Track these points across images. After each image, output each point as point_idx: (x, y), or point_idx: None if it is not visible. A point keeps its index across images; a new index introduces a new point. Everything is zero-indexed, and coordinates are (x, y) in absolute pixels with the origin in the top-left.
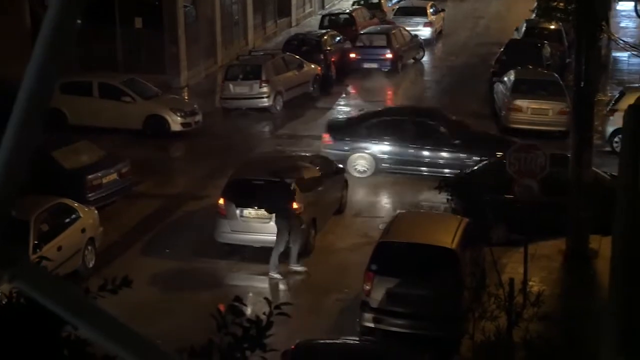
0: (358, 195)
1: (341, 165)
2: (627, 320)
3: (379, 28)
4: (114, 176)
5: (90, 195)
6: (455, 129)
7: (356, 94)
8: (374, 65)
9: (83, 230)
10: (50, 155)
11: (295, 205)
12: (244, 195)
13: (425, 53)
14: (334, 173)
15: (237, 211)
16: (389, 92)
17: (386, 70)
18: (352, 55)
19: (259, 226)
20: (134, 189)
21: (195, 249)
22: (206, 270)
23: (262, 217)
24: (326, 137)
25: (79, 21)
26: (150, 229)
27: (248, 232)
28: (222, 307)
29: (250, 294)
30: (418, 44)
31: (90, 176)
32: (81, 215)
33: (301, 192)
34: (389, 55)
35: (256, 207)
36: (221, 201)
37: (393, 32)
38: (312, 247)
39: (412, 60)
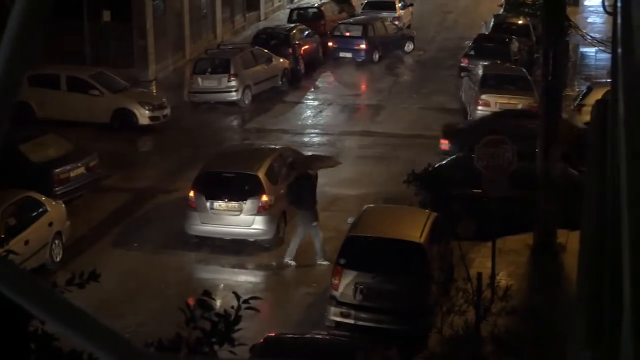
0: (327, 189)
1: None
2: (593, 314)
3: (361, 18)
4: (82, 170)
5: (57, 188)
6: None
7: (328, 86)
8: (348, 55)
9: (50, 224)
10: (17, 148)
11: (265, 198)
12: (214, 188)
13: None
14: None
15: (208, 203)
16: (356, 86)
17: (360, 60)
18: (330, 43)
19: (229, 218)
20: (102, 182)
21: (164, 242)
22: (175, 263)
23: (232, 209)
24: (444, 142)
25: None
26: (118, 222)
27: (218, 225)
28: (191, 301)
29: (221, 286)
30: (406, 36)
31: (57, 170)
32: (48, 209)
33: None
34: (363, 46)
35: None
36: (191, 194)
37: (373, 23)
38: (281, 240)
39: (400, 53)
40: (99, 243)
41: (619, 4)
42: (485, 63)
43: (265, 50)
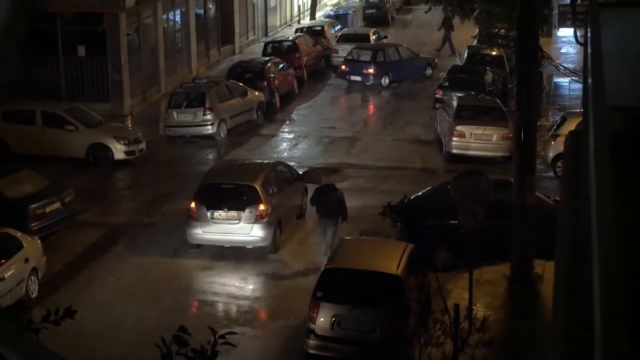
0: (307, 221)
1: (301, 173)
2: (568, 345)
3: (375, 44)
4: (58, 205)
5: (33, 224)
6: None
7: (303, 119)
8: (358, 78)
9: (26, 260)
10: None
11: (262, 207)
12: (214, 198)
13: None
14: (294, 180)
15: (208, 213)
16: (331, 118)
17: (368, 84)
18: (343, 67)
19: (228, 227)
20: (78, 217)
21: (140, 276)
22: (150, 296)
23: (232, 218)
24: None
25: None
26: (94, 257)
27: (218, 233)
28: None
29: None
30: (427, 62)
31: (33, 205)
32: (24, 244)
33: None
34: (371, 70)
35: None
36: (192, 204)
37: (385, 49)
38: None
39: (420, 77)
40: (75, 279)
41: (589, 35)
42: (460, 94)
43: (241, 84)
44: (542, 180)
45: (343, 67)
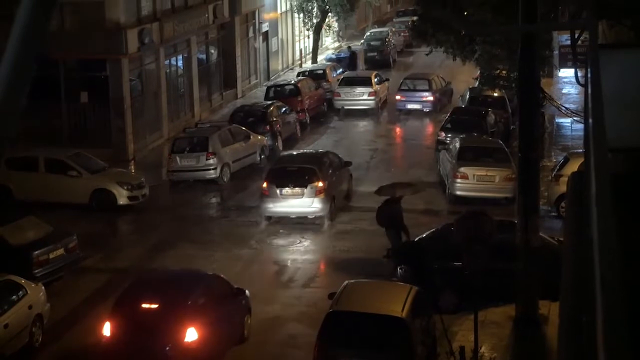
0: (308, 265)
1: (347, 161)
2: None
3: (419, 73)
4: (61, 251)
5: (37, 271)
6: None
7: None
8: (417, 107)
9: (30, 307)
10: None
11: (321, 184)
12: (282, 179)
13: (371, 122)
14: (342, 166)
15: (278, 191)
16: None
17: (427, 110)
18: (398, 97)
19: (294, 201)
20: (82, 263)
21: None
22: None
23: (297, 194)
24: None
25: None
26: (98, 304)
27: (286, 206)
28: None
29: None
30: (450, 90)
31: (36, 252)
32: (28, 291)
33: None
34: (430, 98)
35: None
36: (265, 184)
37: (431, 78)
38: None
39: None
40: (79, 325)
41: (589, 77)
42: (462, 136)
43: (243, 128)
44: (546, 221)
45: (399, 97)
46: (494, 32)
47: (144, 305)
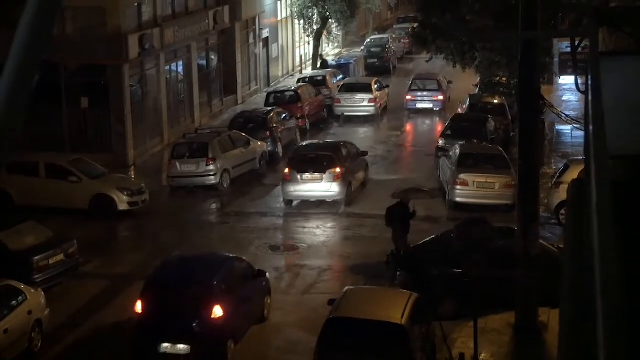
0: (307, 271)
1: (363, 150)
2: None
3: (425, 74)
4: (61, 257)
5: (36, 276)
6: None
7: None
8: (429, 106)
9: (30, 312)
10: None
11: (338, 170)
12: (302, 165)
13: (371, 128)
14: (358, 155)
15: (298, 176)
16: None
17: (437, 109)
18: (408, 97)
19: (313, 185)
20: (81, 269)
21: None
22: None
23: (316, 178)
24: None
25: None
26: (98, 309)
27: (306, 190)
28: None
29: None
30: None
31: (36, 257)
32: (28, 297)
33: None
34: (441, 97)
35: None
36: (286, 170)
37: (438, 78)
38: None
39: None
40: (79, 331)
41: (589, 84)
42: (462, 143)
43: (243, 134)
44: (546, 228)
45: (409, 97)
46: (494, 39)
47: (173, 285)
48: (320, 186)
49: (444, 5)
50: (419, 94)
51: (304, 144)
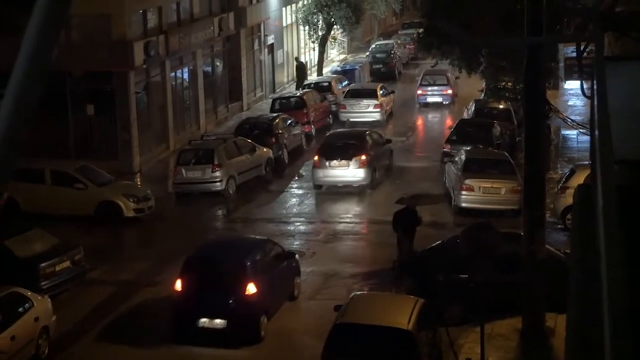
0: (313, 277)
1: (388, 138)
2: None
3: (434, 69)
4: (67, 264)
5: (43, 283)
6: None
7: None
8: (438, 99)
9: (36, 319)
10: (2, 244)
11: (364, 157)
12: (331, 152)
13: None
14: (383, 144)
15: (327, 162)
16: None
17: (447, 103)
18: (419, 92)
19: (340, 172)
20: (88, 276)
21: (152, 335)
22: (160, 355)
23: (343, 165)
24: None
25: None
26: (104, 316)
27: (334, 175)
28: None
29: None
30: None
31: (43, 264)
32: (34, 303)
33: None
34: (450, 91)
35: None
36: (316, 157)
37: (447, 74)
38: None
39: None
40: (85, 338)
41: (595, 89)
42: (468, 148)
43: (249, 140)
44: (552, 233)
45: (420, 91)
46: (499, 45)
47: (210, 264)
48: (347, 172)
49: (449, 10)
50: (429, 88)
51: (332, 132)
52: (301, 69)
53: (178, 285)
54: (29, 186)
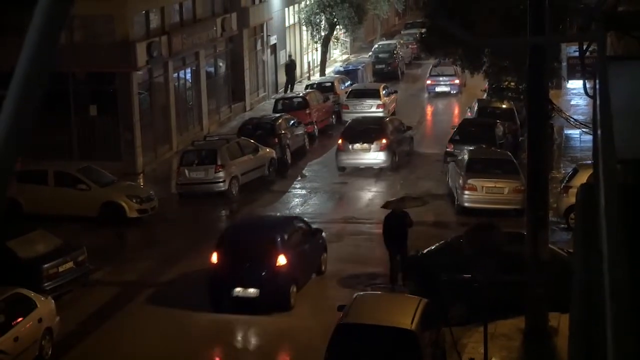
0: (316, 278)
1: (409, 125)
2: None
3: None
4: (71, 265)
5: (46, 284)
6: None
7: (315, 175)
8: (446, 89)
9: (40, 320)
10: (5, 245)
11: (385, 140)
12: (353, 136)
13: None
14: (404, 131)
15: (350, 146)
16: (343, 173)
17: (454, 92)
18: (428, 82)
19: (362, 154)
20: (91, 276)
21: (157, 336)
22: (165, 353)
23: (365, 148)
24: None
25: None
26: (108, 317)
27: (356, 158)
28: None
29: None
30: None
31: (46, 265)
32: (38, 305)
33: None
34: (457, 81)
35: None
36: (340, 141)
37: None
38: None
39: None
40: (89, 338)
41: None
42: (471, 148)
43: (252, 141)
44: (555, 233)
45: (429, 82)
46: (502, 45)
47: (243, 238)
48: (369, 155)
49: (452, 11)
50: (439, 78)
51: (355, 118)
52: (290, 67)
53: (214, 258)
54: (32, 187)
